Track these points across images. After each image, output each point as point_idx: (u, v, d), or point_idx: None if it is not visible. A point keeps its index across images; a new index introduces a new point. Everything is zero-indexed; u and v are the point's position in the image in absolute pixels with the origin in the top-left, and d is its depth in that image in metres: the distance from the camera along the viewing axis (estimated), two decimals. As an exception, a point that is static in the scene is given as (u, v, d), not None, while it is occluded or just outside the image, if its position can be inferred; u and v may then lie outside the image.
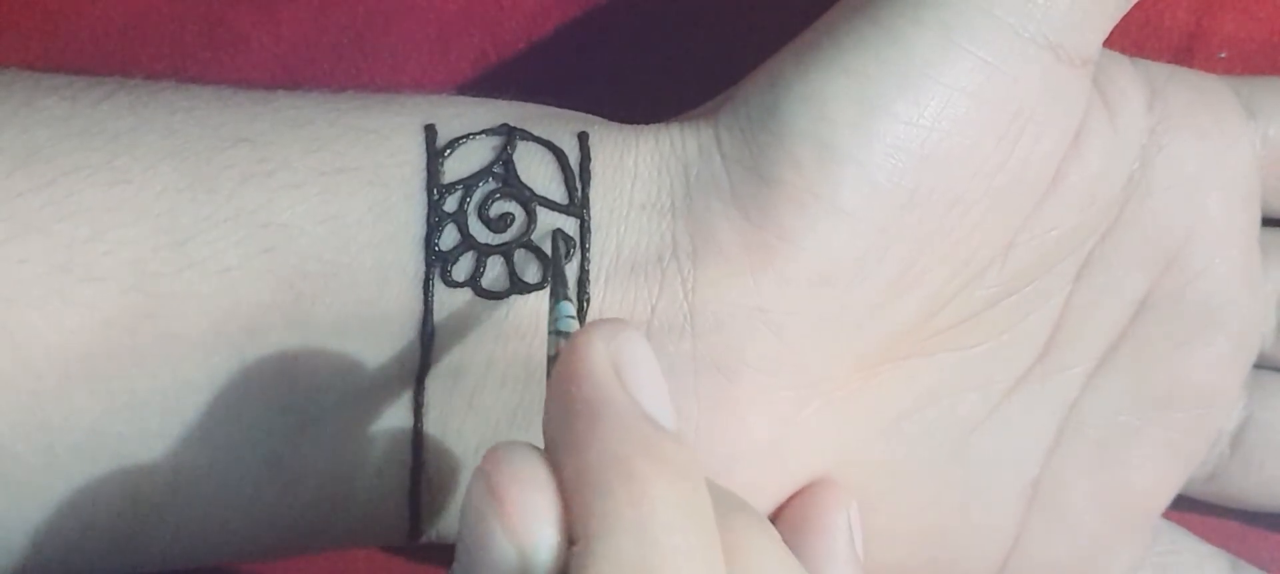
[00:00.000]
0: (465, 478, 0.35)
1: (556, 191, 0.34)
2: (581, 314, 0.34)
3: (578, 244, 0.34)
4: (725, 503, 0.27)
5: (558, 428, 0.27)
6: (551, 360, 0.30)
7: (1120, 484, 0.38)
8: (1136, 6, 0.39)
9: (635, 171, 0.35)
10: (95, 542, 0.34)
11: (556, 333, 0.30)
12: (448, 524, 0.36)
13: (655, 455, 0.26)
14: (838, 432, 0.36)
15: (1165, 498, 0.39)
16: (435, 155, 0.34)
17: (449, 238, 0.33)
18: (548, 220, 0.34)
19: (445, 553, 0.41)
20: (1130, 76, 0.37)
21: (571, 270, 0.34)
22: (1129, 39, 0.39)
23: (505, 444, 0.27)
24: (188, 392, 0.33)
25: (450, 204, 0.34)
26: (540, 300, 0.34)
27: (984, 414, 0.38)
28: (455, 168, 0.34)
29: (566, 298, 0.31)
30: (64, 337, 0.32)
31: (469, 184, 0.34)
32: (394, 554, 0.42)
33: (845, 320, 0.34)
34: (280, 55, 0.41)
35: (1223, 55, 0.42)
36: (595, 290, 0.34)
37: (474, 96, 0.37)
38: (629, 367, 0.27)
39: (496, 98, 0.37)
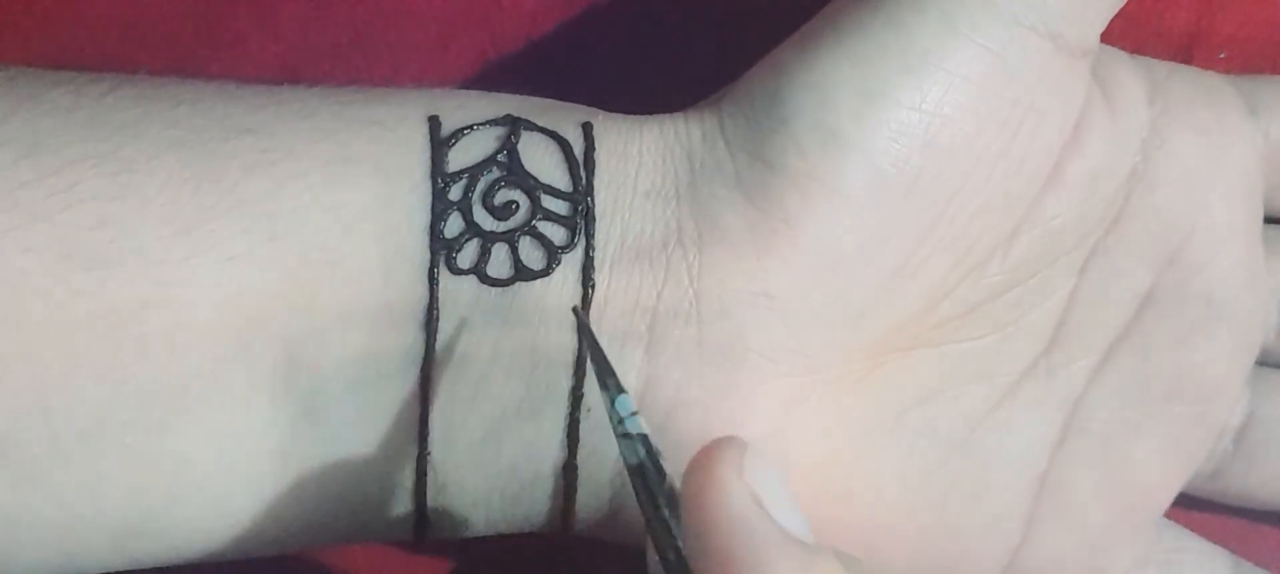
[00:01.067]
0: (471, 472, 0.35)
1: (561, 180, 0.34)
2: (586, 301, 0.34)
3: (582, 232, 0.34)
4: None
5: None
6: (636, 470, 0.30)
7: (1125, 479, 0.38)
8: (1137, 6, 0.39)
9: (639, 159, 0.35)
10: (100, 533, 0.33)
11: (628, 436, 0.30)
12: (454, 518, 0.36)
13: None
14: (842, 421, 0.36)
15: (1169, 494, 0.39)
16: (439, 145, 0.34)
17: (453, 226, 0.33)
18: (552, 207, 0.34)
19: (450, 549, 0.42)
20: (1130, 71, 0.38)
21: (576, 257, 0.34)
22: (1130, 39, 0.39)
23: None
24: (192, 381, 0.33)
25: (455, 193, 0.34)
26: (545, 288, 0.34)
27: (989, 408, 0.38)
28: (459, 158, 0.34)
29: (622, 390, 0.31)
30: (69, 326, 0.32)
31: (473, 173, 0.34)
32: (399, 550, 0.42)
33: (850, 307, 0.35)
34: (280, 55, 0.41)
35: (1223, 55, 0.42)
36: (600, 277, 0.34)
37: (477, 92, 0.37)
38: (768, 494, 0.28)
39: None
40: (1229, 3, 0.41)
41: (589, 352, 0.33)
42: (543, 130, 0.35)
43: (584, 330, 0.33)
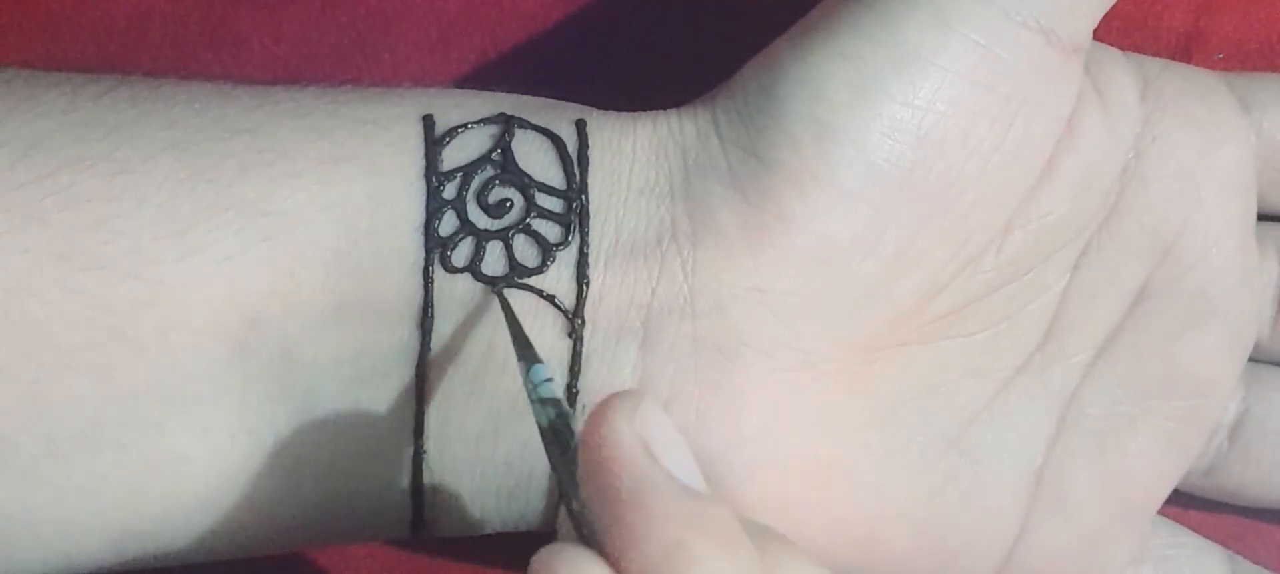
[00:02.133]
0: (468, 468, 0.35)
1: (555, 177, 0.34)
2: (580, 297, 0.34)
3: (577, 229, 0.34)
4: (758, 535, 0.29)
5: (607, 520, 0.28)
6: (548, 432, 0.31)
7: (1120, 474, 0.38)
8: (1134, 7, 0.39)
9: (633, 156, 0.35)
10: (97, 533, 0.34)
11: (541, 401, 0.31)
12: (451, 516, 0.36)
13: (709, 529, 0.27)
14: (837, 416, 0.36)
15: (1164, 489, 0.39)
16: (434, 143, 0.34)
17: (448, 224, 0.34)
18: (547, 204, 0.34)
19: (448, 546, 0.42)
20: (1123, 68, 0.38)
21: (570, 254, 0.34)
22: (1127, 40, 0.39)
23: (558, 549, 0.28)
24: (188, 381, 0.33)
25: (449, 191, 0.34)
26: (540, 285, 0.34)
27: (983, 404, 0.38)
28: (454, 156, 0.34)
29: (537, 359, 0.32)
30: (65, 326, 0.32)
31: (467, 171, 0.34)
32: (399, 550, 0.42)
33: (844, 301, 0.35)
34: (281, 56, 0.41)
35: (1220, 56, 0.42)
36: (595, 274, 0.34)
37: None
38: (658, 441, 0.28)
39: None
40: (1227, 3, 0.41)
41: (508, 325, 0.33)
42: (537, 128, 0.35)
43: (504, 306, 0.34)
